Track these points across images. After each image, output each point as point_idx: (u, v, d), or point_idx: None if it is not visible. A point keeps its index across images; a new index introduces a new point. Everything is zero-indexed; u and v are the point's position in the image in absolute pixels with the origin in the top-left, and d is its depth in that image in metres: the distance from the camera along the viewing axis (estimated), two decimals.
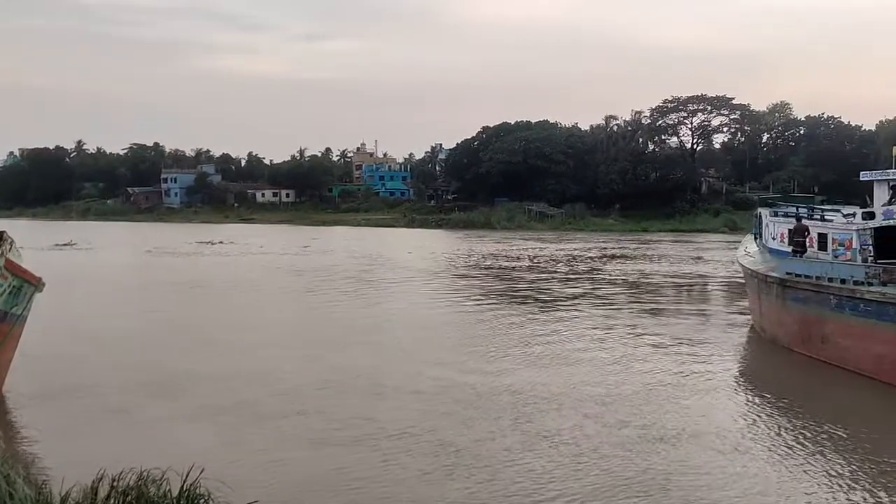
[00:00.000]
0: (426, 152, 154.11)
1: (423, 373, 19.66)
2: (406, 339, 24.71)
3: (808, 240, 23.59)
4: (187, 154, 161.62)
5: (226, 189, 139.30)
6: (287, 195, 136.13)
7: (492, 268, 49.01)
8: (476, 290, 37.89)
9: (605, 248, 63.49)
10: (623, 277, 43.17)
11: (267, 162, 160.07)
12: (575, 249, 62.96)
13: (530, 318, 28.72)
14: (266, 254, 59.65)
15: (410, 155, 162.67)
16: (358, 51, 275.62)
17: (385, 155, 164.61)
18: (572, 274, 45.19)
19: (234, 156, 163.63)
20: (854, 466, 13.05)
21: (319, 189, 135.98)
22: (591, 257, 55.98)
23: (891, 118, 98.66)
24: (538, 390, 17.80)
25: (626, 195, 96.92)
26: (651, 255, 57.12)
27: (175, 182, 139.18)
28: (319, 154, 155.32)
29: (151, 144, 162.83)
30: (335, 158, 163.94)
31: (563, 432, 14.63)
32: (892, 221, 21.26)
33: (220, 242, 69.44)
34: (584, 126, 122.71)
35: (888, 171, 23.85)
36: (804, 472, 12.87)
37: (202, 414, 16.22)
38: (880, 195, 23.39)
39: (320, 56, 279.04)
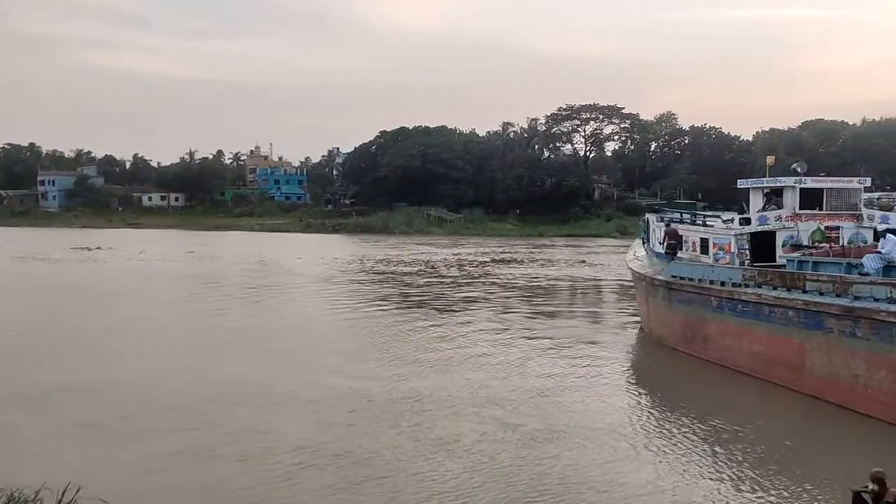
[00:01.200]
0: (323, 156, 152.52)
1: (319, 382, 19.28)
2: (298, 347, 24.15)
3: (680, 242, 25.39)
4: (66, 155, 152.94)
5: (109, 192, 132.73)
6: (176, 199, 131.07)
7: (387, 273, 48.86)
8: (370, 295, 37.61)
9: (501, 253, 64.56)
10: (518, 281, 44.00)
11: (154, 164, 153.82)
12: (472, 254, 63.73)
13: (425, 324, 28.74)
14: (146, 260, 56.96)
15: (307, 158, 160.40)
16: (252, 52, 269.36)
17: (280, 158, 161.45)
18: (468, 278, 45.68)
19: (118, 157, 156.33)
20: (735, 456, 13.72)
21: (211, 193, 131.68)
22: (487, 261, 56.77)
23: (766, 129, 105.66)
24: (435, 396, 17.78)
25: (523, 201, 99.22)
26: (546, 260, 58.54)
27: (53, 185, 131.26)
28: (211, 156, 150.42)
29: (27, 145, 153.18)
30: (228, 161, 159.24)
31: (461, 438, 14.62)
32: (766, 227, 22.62)
33: (99, 248, 66.02)
34: (482, 132, 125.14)
35: (762, 179, 25.34)
36: (692, 464, 13.43)
37: (80, 429, 15.23)
38: (755, 202, 24.82)
39: (212, 56, 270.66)
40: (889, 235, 17.93)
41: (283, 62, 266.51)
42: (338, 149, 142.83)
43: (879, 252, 17.25)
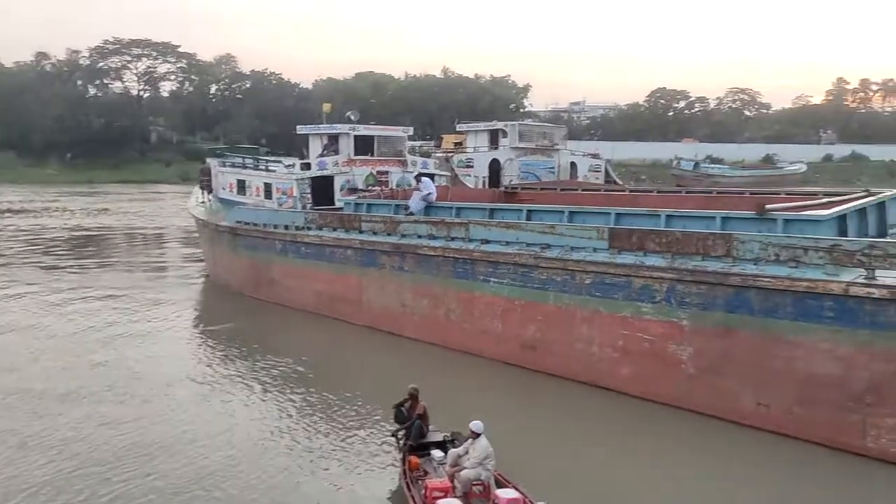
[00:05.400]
0: None
1: None
2: None
3: (211, 178, 27.29)
4: None
5: None
6: None
7: None
8: None
9: (37, 202, 56.57)
10: (62, 233, 39.10)
11: None
12: None
13: None
14: None
15: None
16: None
17: None
18: None
19: None
20: (300, 387, 14.09)
21: None
22: (21, 211, 49.19)
23: (325, 78, 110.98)
24: None
25: (68, 143, 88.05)
26: (98, 209, 53.20)
27: None
28: None
29: None
30: None
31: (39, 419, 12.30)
32: (325, 171, 23.61)
33: None
34: (9, 63, 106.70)
35: (321, 125, 26.33)
36: (266, 400, 13.47)
37: None
38: (315, 147, 25.74)
39: None
40: (424, 179, 20.14)
41: None
42: None
43: (421, 192, 19.26)
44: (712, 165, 74.78)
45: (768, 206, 13.35)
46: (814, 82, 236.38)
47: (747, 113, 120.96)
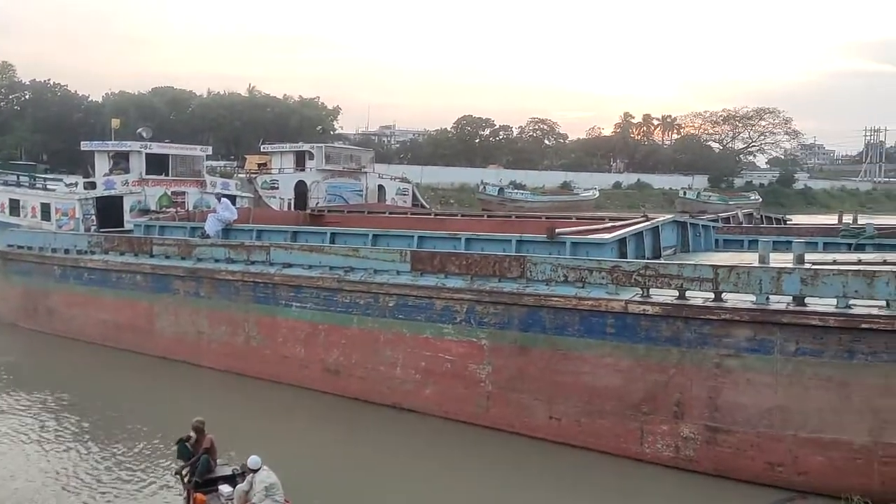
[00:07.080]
0: None
1: None
2: None
3: None
4: None
5: None
6: None
7: None
8: None
9: None
10: None
11: None
12: None
13: None
14: None
15: None
16: None
17: None
18: None
19: None
20: (81, 426, 12.97)
21: None
22: None
23: (116, 91, 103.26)
24: None
25: None
26: None
27: None
28: None
29: None
30: None
31: None
32: (112, 191, 21.91)
33: None
34: None
35: (108, 142, 24.41)
36: (41, 443, 12.06)
37: None
38: (102, 165, 23.78)
39: None
40: (223, 199, 19.29)
41: None
42: None
43: (216, 213, 18.38)
44: (516, 191, 78.82)
45: (558, 231, 14.14)
46: (605, 115, 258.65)
47: (547, 142, 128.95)
